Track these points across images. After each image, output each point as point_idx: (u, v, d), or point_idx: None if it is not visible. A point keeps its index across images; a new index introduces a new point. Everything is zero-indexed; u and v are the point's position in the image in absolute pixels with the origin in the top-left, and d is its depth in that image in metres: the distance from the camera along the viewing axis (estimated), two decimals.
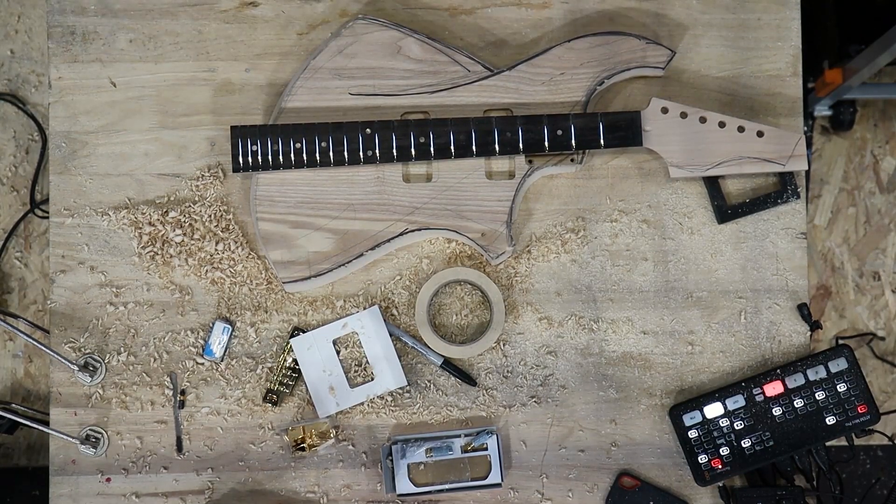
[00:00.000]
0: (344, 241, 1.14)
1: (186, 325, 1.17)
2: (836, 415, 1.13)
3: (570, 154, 1.14)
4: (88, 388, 1.16)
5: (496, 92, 1.14)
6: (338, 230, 1.14)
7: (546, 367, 1.17)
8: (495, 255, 1.13)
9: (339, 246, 1.13)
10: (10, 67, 1.96)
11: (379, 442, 1.16)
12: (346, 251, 1.13)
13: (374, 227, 1.13)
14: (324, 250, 1.13)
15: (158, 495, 1.16)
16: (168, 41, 1.20)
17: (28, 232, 1.93)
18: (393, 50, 1.15)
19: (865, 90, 1.87)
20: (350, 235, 1.14)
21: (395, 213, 1.13)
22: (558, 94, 1.14)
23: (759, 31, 1.20)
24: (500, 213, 1.13)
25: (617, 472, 1.16)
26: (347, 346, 1.17)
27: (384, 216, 1.13)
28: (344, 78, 1.14)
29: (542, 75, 1.14)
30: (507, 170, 1.15)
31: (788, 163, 1.12)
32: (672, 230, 1.18)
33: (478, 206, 1.13)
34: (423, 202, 1.13)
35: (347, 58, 1.15)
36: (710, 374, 1.17)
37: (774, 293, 1.18)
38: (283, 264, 1.13)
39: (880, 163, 1.99)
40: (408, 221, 1.13)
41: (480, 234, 1.13)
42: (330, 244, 1.13)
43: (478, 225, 1.13)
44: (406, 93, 1.14)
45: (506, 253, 1.14)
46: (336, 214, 1.14)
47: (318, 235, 1.13)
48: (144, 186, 1.19)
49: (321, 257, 1.13)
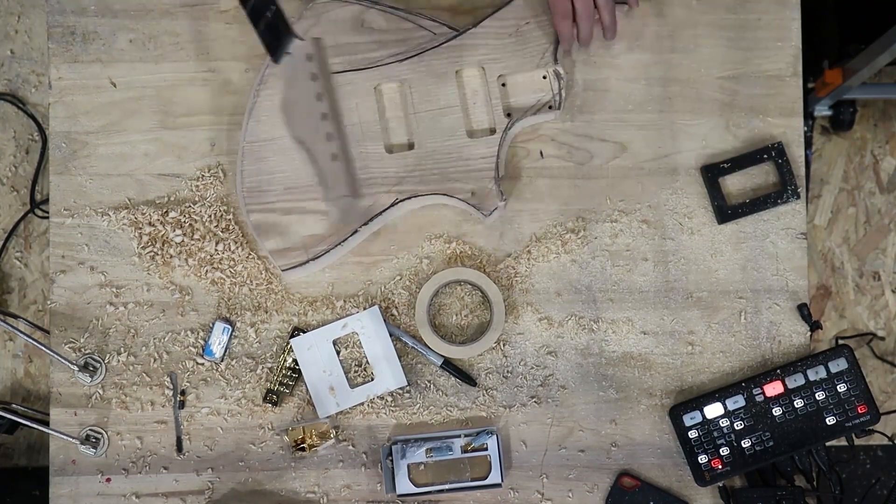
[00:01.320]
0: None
1: (186, 326, 1.17)
2: (836, 415, 1.13)
3: (547, 102, 1.15)
4: (88, 388, 1.16)
5: (465, 51, 1.14)
6: (329, 210, 1.13)
7: (546, 368, 1.17)
8: (488, 212, 1.13)
9: (331, 226, 1.13)
10: (10, 67, 1.96)
11: (379, 442, 1.16)
12: (340, 231, 1.13)
13: (363, 202, 1.13)
14: (318, 232, 1.13)
15: (158, 495, 1.16)
16: (168, 41, 1.20)
17: (28, 232, 1.93)
18: (356, 24, 1.14)
19: (865, 90, 1.87)
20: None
21: (383, 185, 1.13)
22: (526, 44, 1.14)
23: (759, 31, 1.20)
24: (486, 171, 1.13)
25: (617, 472, 1.16)
26: (347, 346, 1.17)
27: (372, 189, 1.13)
28: (312, 59, 1.14)
29: (507, 28, 1.14)
30: (487, 126, 1.15)
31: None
32: (672, 230, 1.18)
33: (464, 166, 1.13)
34: (409, 171, 1.13)
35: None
36: (710, 375, 1.17)
37: (774, 293, 1.18)
38: (279, 252, 1.13)
39: (880, 163, 1.99)
40: (397, 192, 1.13)
41: (470, 193, 1.13)
42: (323, 225, 1.13)
43: (466, 185, 1.13)
44: (377, 64, 1.14)
45: (498, 208, 1.13)
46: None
47: (311, 218, 1.13)
48: (144, 186, 1.19)
49: (316, 240, 1.13)
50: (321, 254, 1.13)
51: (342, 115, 1.13)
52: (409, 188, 1.13)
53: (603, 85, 1.20)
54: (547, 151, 1.19)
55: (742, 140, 1.19)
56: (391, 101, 1.15)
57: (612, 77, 1.20)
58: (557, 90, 1.15)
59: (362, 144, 1.13)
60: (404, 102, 1.14)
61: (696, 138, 1.19)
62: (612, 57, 1.20)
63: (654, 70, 1.20)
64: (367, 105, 1.14)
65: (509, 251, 1.18)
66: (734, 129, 1.19)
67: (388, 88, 1.15)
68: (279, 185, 1.13)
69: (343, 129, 1.13)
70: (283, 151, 1.13)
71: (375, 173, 1.13)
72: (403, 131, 1.15)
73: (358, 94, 1.14)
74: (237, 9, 1.20)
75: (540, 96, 1.15)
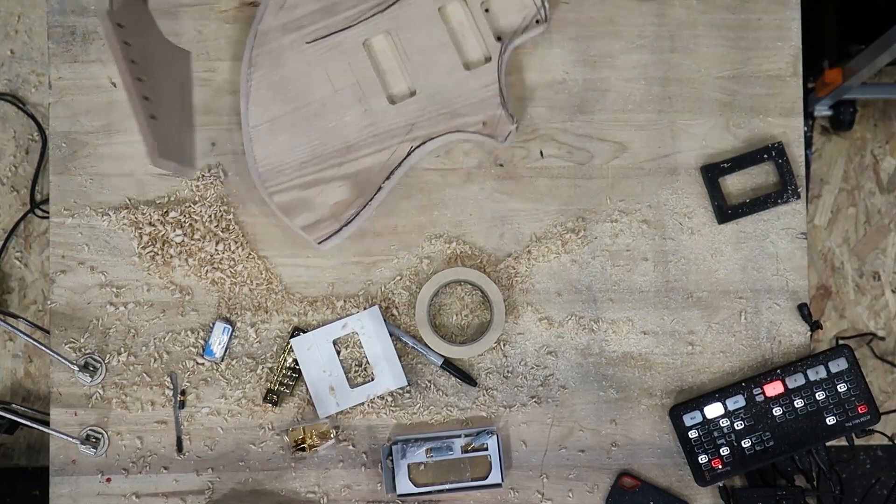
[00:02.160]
0: (358, 182, 1.13)
1: (186, 326, 1.17)
2: (836, 415, 1.13)
3: (534, 17, 1.15)
4: (88, 388, 1.16)
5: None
6: (348, 174, 1.13)
7: (546, 368, 1.17)
8: (503, 138, 1.14)
9: (355, 189, 1.13)
10: (10, 67, 1.96)
11: (379, 442, 1.16)
12: (365, 191, 1.13)
13: (380, 158, 1.13)
14: (343, 199, 1.13)
15: (158, 495, 1.16)
16: None
17: (28, 232, 1.93)
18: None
19: (865, 90, 1.87)
20: (362, 175, 1.13)
21: (396, 137, 1.13)
22: None
23: (759, 31, 1.20)
24: (492, 98, 1.13)
25: (617, 472, 1.16)
26: (347, 346, 1.17)
27: (386, 143, 1.13)
28: (295, 30, 1.14)
29: None
30: (482, 56, 1.15)
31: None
32: (672, 230, 1.18)
33: (468, 99, 1.14)
34: (416, 116, 1.13)
35: (290, 10, 1.14)
36: (711, 374, 1.17)
37: (774, 293, 1.18)
38: (310, 227, 1.13)
39: (880, 163, 1.99)
40: (410, 140, 1.13)
41: (482, 123, 1.13)
42: (346, 191, 1.13)
43: (476, 117, 1.13)
44: (359, 21, 1.14)
45: (512, 133, 1.14)
46: (340, 160, 1.13)
47: (332, 187, 1.13)
48: (144, 186, 1.19)
49: (343, 206, 1.13)
50: (352, 218, 1.13)
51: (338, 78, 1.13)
52: (422, 133, 1.13)
53: (603, 85, 1.20)
54: (547, 151, 1.19)
55: (742, 140, 1.20)
56: (383, 53, 1.15)
57: (612, 77, 1.20)
58: (541, 3, 1.15)
59: (365, 102, 1.13)
60: (396, 51, 1.14)
61: (696, 138, 1.19)
62: (612, 57, 1.20)
63: (654, 70, 1.20)
64: (361, 62, 1.14)
65: (509, 251, 1.18)
66: (734, 129, 1.20)
67: (377, 41, 1.15)
68: (294, 162, 1.13)
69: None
70: (289, 128, 1.13)
71: (385, 127, 1.13)
72: (402, 80, 1.15)
73: (348, 53, 1.14)
74: (237, 9, 1.20)
75: (525, 13, 1.15)
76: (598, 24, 1.20)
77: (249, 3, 1.20)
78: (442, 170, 1.19)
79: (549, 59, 1.20)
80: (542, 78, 1.20)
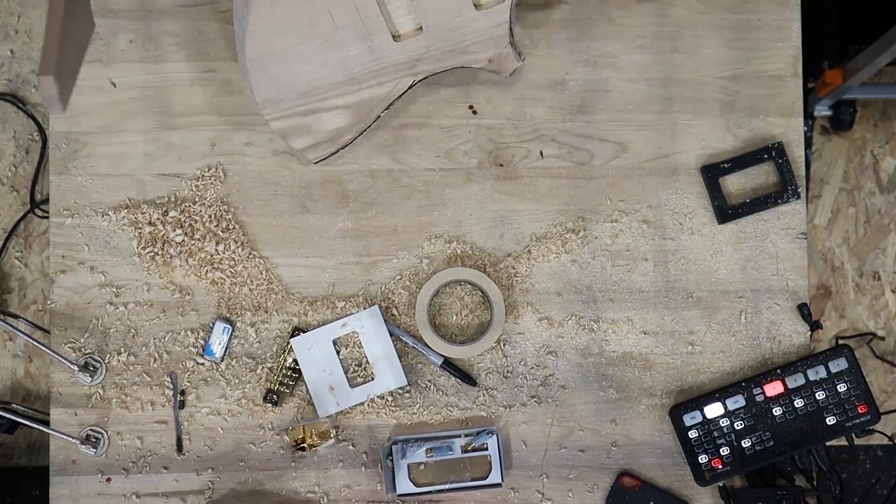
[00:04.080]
0: (357, 111, 1.13)
1: (186, 326, 1.17)
2: (836, 415, 1.13)
3: None
4: (88, 388, 1.16)
5: None
6: (349, 104, 1.13)
7: (546, 367, 1.17)
8: (508, 74, 1.14)
9: (355, 117, 1.13)
10: (10, 67, 1.96)
11: (379, 442, 1.16)
12: (363, 118, 1.13)
13: (381, 90, 1.13)
14: (342, 125, 1.14)
15: (159, 495, 1.16)
16: (168, 41, 1.20)
17: (28, 232, 1.93)
18: None
19: (865, 90, 1.87)
20: (362, 104, 1.13)
21: (399, 71, 1.12)
22: None
23: (759, 31, 1.20)
24: (500, 37, 1.12)
25: (617, 472, 1.16)
26: (347, 346, 1.17)
27: (389, 77, 1.12)
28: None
29: None
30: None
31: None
32: (672, 230, 1.18)
33: (476, 38, 1.12)
34: (421, 53, 1.12)
35: None
36: (711, 374, 1.17)
37: (774, 293, 1.18)
38: (308, 149, 1.15)
39: (880, 163, 1.99)
40: (413, 74, 1.12)
41: (487, 60, 1.13)
42: (345, 118, 1.13)
43: (483, 54, 1.13)
44: None
45: (517, 69, 1.14)
46: (342, 92, 1.12)
47: (331, 115, 1.13)
48: (144, 186, 1.19)
49: (342, 131, 1.14)
50: (349, 142, 1.15)
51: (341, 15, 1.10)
52: (426, 68, 1.12)
53: (603, 85, 1.20)
54: (547, 151, 1.19)
55: (742, 140, 1.20)
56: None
57: (612, 77, 1.20)
58: None
59: (368, 39, 1.11)
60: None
61: (696, 138, 1.19)
62: (612, 57, 1.20)
63: (655, 70, 1.20)
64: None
65: (509, 251, 1.18)
66: (734, 129, 1.20)
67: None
68: (293, 92, 1.12)
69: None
70: (288, 62, 1.10)
71: (389, 62, 1.12)
72: (408, 17, 1.11)
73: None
74: None
75: None
76: (599, 24, 1.20)
77: None
78: (442, 170, 1.19)
79: (549, 59, 1.20)
80: (542, 78, 1.20)
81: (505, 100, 1.19)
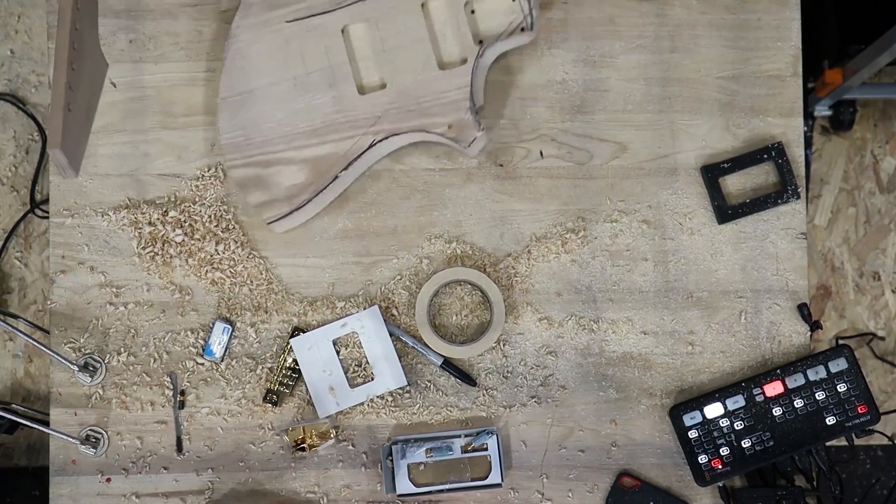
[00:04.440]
0: (316, 167, 1.13)
1: (186, 326, 1.17)
2: (836, 415, 1.13)
3: (520, 24, 1.13)
4: (88, 388, 1.16)
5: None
6: (308, 159, 1.13)
7: (546, 368, 1.17)
8: (467, 144, 1.12)
9: (312, 174, 1.13)
10: (10, 67, 1.96)
11: (379, 442, 1.16)
12: (321, 177, 1.13)
13: (342, 146, 1.13)
14: (299, 181, 1.13)
15: (158, 495, 1.16)
16: (168, 41, 1.20)
17: (28, 232, 1.93)
18: None
19: (865, 90, 1.87)
20: (321, 161, 1.13)
21: (360, 128, 1.13)
22: None
23: (759, 31, 1.20)
24: (461, 101, 1.12)
25: (617, 472, 1.16)
26: (347, 346, 1.17)
27: (350, 133, 1.13)
28: (278, 7, 1.14)
29: None
30: (458, 57, 1.14)
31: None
32: (672, 230, 1.18)
33: (438, 99, 1.12)
34: (384, 110, 1.12)
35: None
36: (710, 374, 1.17)
37: (774, 293, 1.18)
38: (263, 205, 1.13)
39: (880, 163, 1.99)
40: (373, 133, 1.13)
41: (447, 126, 1.12)
42: (304, 174, 1.13)
43: (443, 119, 1.12)
44: (341, 5, 1.13)
45: (477, 140, 1.12)
46: (303, 144, 1.13)
47: (291, 169, 1.13)
48: (144, 186, 1.19)
49: (298, 189, 1.13)
50: (304, 203, 1.13)
51: (312, 60, 1.13)
52: (387, 127, 1.12)
53: (603, 85, 1.20)
54: (547, 151, 1.19)
55: (742, 140, 1.20)
56: (360, 41, 1.14)
57: (612, 77, 1.20)
58: (528, 10, 1.13)
59: (335, 88, 1.13)
60: (373, 41, 1.14)
61: (696, 138, 1.19)
62: (612, 57, 1.20)
63: (654, 70, 1.20)
64: (337, 47, 1.13)
65: (509, 251, 1.18)
66: (734, 129, 1.20)
67: (356, 29, 1.14)
68: (257, 139, 1.13)
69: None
70: (257, 103, 1.13)
71: (352, 116, 1.13)
72: (375, 70, 1.14)
73: (326, 37, 1.13)
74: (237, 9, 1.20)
75: (511, 19, 1.14)
76: (598, 24, 1.20)
77: None
78: (442, 170, 1.19)
79: (549, 59, 1.20)
80: (542, 78, 1.20)
81: (505, 100, 1.19)
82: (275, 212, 1.13)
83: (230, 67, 1.14)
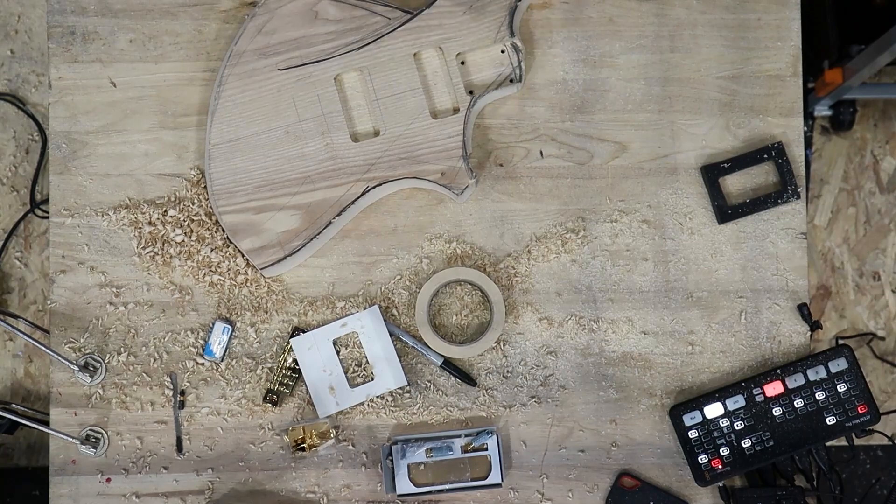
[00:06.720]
0: (309, 214, 1.13)
1: (186, 326, 1.17)
2: (836, 415, 1.13)
3: (508, 76, 1.15)
4: (88, 388, 1.16)
5: (421, 33, 1.14)
6: (301, 205, 1.13)
7: (546, 368, 1.17)
8: (459, 191, 1.13)
9: (305, 220, 1.13)
10: (10, 67, 1.96)
11: (379, 442, 1.16)
12: (314, 223, 1.13)
13: (335, 193, 1.13)
14: (292, 227, 1.13)
15: (158, 495, 1.16)
16: (168, 41, 1.20)
17: (28, 232, 1.93)
18: (310, 17, 1.15)
19: (865, 90, 1.87)
20: (314, 207, 1.13)
21: (353, 175, 1.13)
22: (482, 19, 1.14)
23: (759, 31, 1.20)
24: (454, 150, 1.13)
25: (617, 472, 1.16)
26: (347, 346, 1.17)
27: (343, 180, 1.14)
28: (269, 56, 1.14)
29: (461, 5, 1.14)
30: (450, 106, 1.15)
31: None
32: (672, 230, 1.18)
33: (430, 147, 1.14)
34: (376, 157, 1.13)
35: (268, 35, 1.14)
36: (710, 374, 1.17)
37: (774, 293, 1.18)
38: (255, 251, 1.13)
39: (880, 163, 1.99)
40: (367, 179, 1.13)
41: (440, 173, 1.13)
42: (296, 220, 1.13)
43: (435, 166, 1.13)
44: (333, 55, 1.14)
45: (469, 187, 1.13)
46: (295, 190, 1.14)
47: (283, 215, 1.13)
48: (144, 186, 1.19)
49: (291, 235, 1.13)
50: (297, 249, 1.13)
51: (304, 108, 1.14)
52: (380, 174, 1.13)
53: (603, 85, 1.20)
54: (547, 151, 1.19)
55: (742, 140, 1.20)
56: (353, 89, 1.15)
57: (612, 77, 1.20)
58: (517, 63, 1.15)
59: (328, 136, 1.14)
60: (366, 90, 1.15)
61: (696, 138, 1.19)
62: (612, 57, 1.20)
63: (654, 70, 1.20)
64: (329, 96, 1.14)
65: (509, 251, 1.18)
66: (734, 129, 1.20)
67: (348, 78, 1.15)
68: (249, 185, 1.14)
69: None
70: (249, 150, 1.14)
71: (345, 163, 1.14)
72: (368, 119, 1.15)
73: (319, 85, 1.14)
74: (237, 9, 1.20)
75: (500, 70, 1.15)
76: (598, 24, 1.20)
77: (249, 3, 1.20)
78: None
79: (549, 59, 1.20)
80: (542, 78, 1.20)
81: (505, 100, 1.19)
82: (267, 258, 1.14)
83: (221, 114, 1.14)
